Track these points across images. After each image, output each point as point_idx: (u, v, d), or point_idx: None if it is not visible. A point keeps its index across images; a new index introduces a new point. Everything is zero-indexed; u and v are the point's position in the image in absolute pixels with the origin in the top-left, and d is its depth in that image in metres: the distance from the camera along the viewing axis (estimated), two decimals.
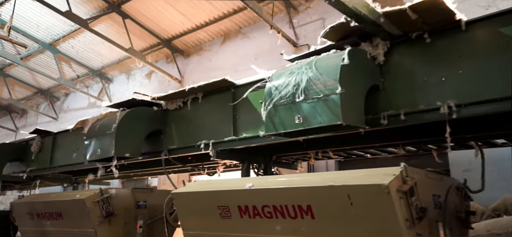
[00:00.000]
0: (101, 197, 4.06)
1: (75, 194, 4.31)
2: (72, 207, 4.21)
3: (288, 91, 2.86)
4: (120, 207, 4.24)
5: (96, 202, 4.02)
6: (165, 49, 11.98)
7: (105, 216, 4.06)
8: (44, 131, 7.10)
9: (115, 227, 4.14)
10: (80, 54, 13.24)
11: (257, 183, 2.69)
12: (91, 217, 3.97)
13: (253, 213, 2.63)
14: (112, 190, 4.29)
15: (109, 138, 4.65)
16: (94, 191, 4.25)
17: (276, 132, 2.98)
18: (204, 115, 4.59)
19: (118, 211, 4.18)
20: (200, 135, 4.58)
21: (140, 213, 4.42)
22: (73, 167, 6.39)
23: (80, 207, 4.04)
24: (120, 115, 4.71)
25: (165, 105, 5.06)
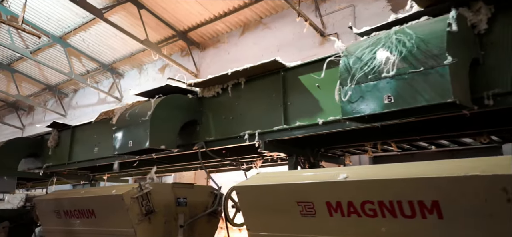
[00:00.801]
0: (140, 193, 3.64)
1: (111, 189, 3.89)
2: (107, 204, 3.78)
3: (374, 66, 2.43)
4: (159, 204, 3.81)
5: (135, 198, 3.60)
6: (180, 41, 11.56)
7: (145, 214, 3.65)
8: (62, 124, 6.69)
9: (155, 227, 3.71)
10: (91, 48, 12.84)
11: (353, 174, 2.24)
12: (130, 215, 3.55)
13: (348, 211, 2.19)
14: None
15: (143, 128, 4.24)
16: (131, 185, 3.82)
17: (357, 116, 2.56)
18: (248, 102, 4.17)
19: (158, 209, 3.76)
20: (243, 125, 4.16)
21: (181, 211, 3.99)
22: (95, 162, 5.98)
23: (117, 203, 3.61)
24: (154, 103, 4.29)
25: (201, 92, 4.64)
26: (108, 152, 5.77)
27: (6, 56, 14.33)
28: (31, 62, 14.54)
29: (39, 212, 4.94)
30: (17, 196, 18.82)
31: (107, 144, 5.82)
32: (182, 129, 4.61)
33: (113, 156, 5.54)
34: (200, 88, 4.64)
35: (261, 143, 3.86)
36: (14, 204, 18.45)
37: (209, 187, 4.47)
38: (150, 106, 4.34)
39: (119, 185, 4.40)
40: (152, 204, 3.68)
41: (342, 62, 2.69)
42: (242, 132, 4.10)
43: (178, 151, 4.57)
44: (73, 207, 4.19)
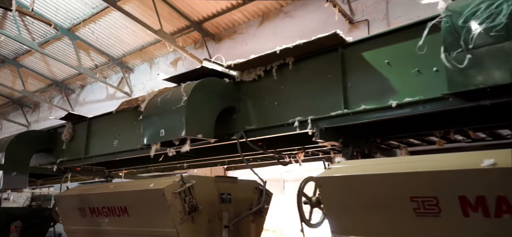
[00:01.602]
0: (183, 187, 3.14)
1: (147, 182, 3.40)
2: (143, 200, 3.29)
3: (496, 24, 1.94)
4: (202, 200, 3.32)
5: (177, 193, 3.11)
6: (194, 33, 11.08)
7: (189, 212, 3.15)
8: (77, 116, 6.22)
9: (198, 227, 3.22)
10: (100, 41, 12.36)
11: (501, 160, 1.71)
12: (172, 213, 3.06)
13: (497, 209, 1.65)
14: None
15: (178, 115, 3.76)
16: (171, 178, 3.32)
17: (473, 89, 2.06)
18: (297, 86, 3.68)
19: (201, 206, 3.27)
20: (291, 111, 3.67)
21: (225, 209, 3.50)
22: (115, 156, 5.50)
23: (157, 199, 3.12)
24: (190, 86, 3.81)
25: (239, 76, 4.16)
26: (130, 145, 5.30)
27: (11, 50, 13.88)
28: (37, 56, 14.09)
29: (61, 210, 4.44)
30: (23, 195, 18.48)
31: (129, 136, 5.36)
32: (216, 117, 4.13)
33: (137, 149, 5.08)
34: (238, 71, 4.15)
35: (316, 130, 3.37)
36: (20, 203, 18.10)
37: (253, 182, 3.99)
38: (181, 91, 3.86)
39: (155, 178, 3.90)
40: (195, 201, 3.19)
41: (445, 23, 2.20)
42: (291, 119, 3.62)
43: (215, 142, 4.08)
44: (101, 204, 3.71)
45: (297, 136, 4.08)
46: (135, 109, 5.23)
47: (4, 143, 5.92)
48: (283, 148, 4.56)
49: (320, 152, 4.88)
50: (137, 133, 5.24)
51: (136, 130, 5.26)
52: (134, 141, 5.26)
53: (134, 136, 5.28)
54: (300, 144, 4.58)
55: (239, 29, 10.49)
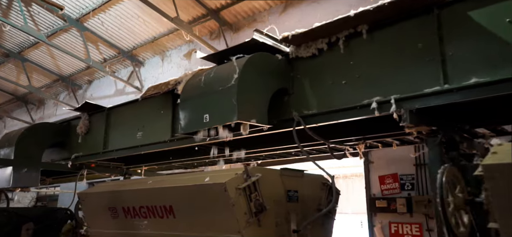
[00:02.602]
0: (248, 181, 2.49)
1: (200, 176, 2.76)
2: (196, 198, 2.65)
3: None
4: (268, 198, 2.67)
5: (242, 189, 2.47)
6: (210, 22, 10.44)
7: (255, 213, 2.51)
8: (95, 106, 5.59)
9: (266, 232, 2.55)
10: (110, 32, 11.72)
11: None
12: (236, 213, 2.40)
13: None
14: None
15: (226, 96, 3.13)
16: (231, 171, 2.68)
17: None
18: (372, 59, 3.05)
19: (268, 205, 2.62)
20: (364, 91, 3.04)
21: (292, 209, 2.86)
22: (139, 150, 4.88)
23: (215, 197, 2.47)
24: (241, 61, 3.19)
25: (294, 52, 3.52)
26: (156, 137, 4.69)
27: (16, 43, 13.26)
28: (43, 50, 13.47)
29: (86, 210, 3.80)
30: (28, 195, 17.86)
31: (154, 127, 4.75)
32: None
33: (166, 141, 4.47)
34: (293, 46, 3.51)
35: (404, 113, 2.72)
36: (25, 203, 17.47)
37: (319, 177, 3.35)
38: (233, 67, 3.23)
39: (219, 170, 3.26)
40: (262, 199, 2.56)
41: None
42: (366, 100, 2.98)
43: (269, 129, 3.44)
44: (139, 202, 3.06)
45: (355, 123, 3.47)
46: (163, 96, 4.61)
47: (13, 137, 5.31)
48: (336, 139, 3.93)
49: (381, 143, 4.25)
50: (164, 123, 4.65)
51: (163, 120, 4.67)
52: (161, 132, 4.66)
53: (160, 126, 4.67)
54: (358, 133, 3.97)
55: (259, 17, 9.84)
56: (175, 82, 4.15)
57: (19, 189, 5.66)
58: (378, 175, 6.99)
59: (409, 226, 6.47)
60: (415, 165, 6.67)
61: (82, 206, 3.70)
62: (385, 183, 6.85)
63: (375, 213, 6.87)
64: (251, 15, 10.03)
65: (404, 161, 6.80)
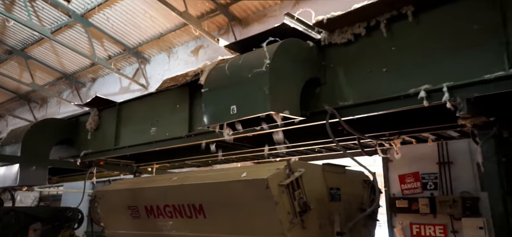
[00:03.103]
0: (292, 178, 2.21)
1: (237, 172, 2.47)
2: (231, 196, 2.36)
3: None
4: (311, 196, 2.38)
5: (285, 186, 2.18)
6: (218, 17, 10.15)
7: (299, 213, 2.22)
8: (105, 100, 5.32)
9: (309, 233, 2.27)
10: (116, 28, 11.44)
11: None
12: (279, 213, 2.12)
13: None
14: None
15: (256, 85, 2.87)
16: (275, 166, 2.39)
17: None
18: (419, 44, 2.78)
19: (312, 204, 2.34)
20: (410, 79, 2.77)
21: (335, 209, 2.58)
22: (153, 146, 4.61)
23: (254, 194, 2.20)
24: (273, 47, 2.92)
25: (327, 38, 3.24)
26: (172, 132, 4.43)
27: (19, 40, 12.98)
28: (47, 46, 13.20)
29: (103, 210, 3.52)
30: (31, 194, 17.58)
31: (170, 122, 4.50)
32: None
33: (183, 136, 4.20)
34: (326, 32, 3.24)
35: (461, 102, 2.45)
36: (27, 203, 17.19)
37: (360, 174, 3.08)
38: (263, 53, 2.96)
39: (256, 164, 2.98)
40: (306, 197, 2.28)
41: None
42: (412, 89, 2.70)
43: (300, 122, 3.17)
44: (164, 201, 2.78)
45: (385, 117, 3.22)
46: (179, 89, 4.35)
47: (20, 133, 5.04)
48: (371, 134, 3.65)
49: (416, 139, 3.97)
50: (180, 118, 4.39)
51: (179, 114, 4.41)
52: (177, 127, 4.40)
53: (176, 121, 4.42)
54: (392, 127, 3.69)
55: (270, 12, 9.56)
56: (194, 73, 3.89)
57: (25, 188, 5.41)
58: (398, 174, 6.71)
59: (432, 227, 6.19)
60: (439, 163, 6.38)
61: (99, 205, 3.43)
62: (406, 182, 6.57)
63: (395, 214, 6.58)
64: (261, 10, 9.75)
65: (425, 159, 6.52)
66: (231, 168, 2.94)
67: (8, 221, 4.84)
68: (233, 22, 10.06)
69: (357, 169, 2.99)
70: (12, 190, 5.89)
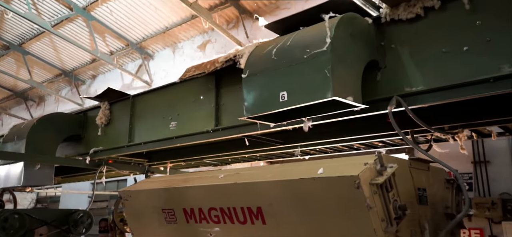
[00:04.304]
0: (385, 176, 1.75)
1: (308, 168, 1.98)
2: (302, 197, 1.87)
3: None
4: (403, 200, 1.91)
5: (379, 185, 1.72)
6: (227, 10, 9.72)
7: (395, 219, 1.76)
8: (118, 93, 4.85)
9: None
10: (119, 22, 10.96)
11: None
12: (373, 220, 1.66)
13: None
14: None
15: (313, 66, 2.41)
16: (355, 160, 1.92)
17: None
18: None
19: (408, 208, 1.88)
20: (500, 58, 2.31)
21: (422, 213, 2.12)
22: (173, 142, 4.14)
23: (338, 195, 1.72)
24: (333, 22, 2.46)
25: (389, 14, 2.78)
26: (195, 127, 3.97)
27: (17, 35, 12.44)
28: (45, 41, 12.68)
29: (131, 213, 3.01)
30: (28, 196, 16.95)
31: (193, 115, 4.04)
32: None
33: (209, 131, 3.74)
34: (388, 7, 2.78)
35: None
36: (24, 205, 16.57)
37: (442, 171, 2.63)
38: (323, 29, 2.50)
39: (337, 159, 2.49)
40: (400, 200, 1.82)
41: None
42: (508, 69, 2.25)
43: (360, 111, 2.71)
44: (208, 203, 2.28)
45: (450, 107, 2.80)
46: (203, 79, 3.89)
47: (24, 128, 4.55)
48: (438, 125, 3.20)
49: (477, 133, 3.53)
50: (205, 111, 3.94)
51: (204, 107, 3.96)
52: (202, 121, 3.94)
53: (200, 115, 3.96)
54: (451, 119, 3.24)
55: (282, 4, 9.12)
56: (225, 59, 3.43)
57: (29, 189, 4.92)
58: None
59: (467, 231, 5.75)
60: (474, 162, 5.95)
61: (126, 207, 2.95)
62: None
63: None
64: (273, 2, 9.31)
65: (458, 158, 6.07)
66: (296, 164, 2.47)
67: (12, 224, 4.34)
68: (243, 15, 9.60)
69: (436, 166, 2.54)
70: (12, 191, 5.38)
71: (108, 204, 14.00)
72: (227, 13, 9.92)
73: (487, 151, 5.92)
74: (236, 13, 9.63)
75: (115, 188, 12.82)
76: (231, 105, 3.75)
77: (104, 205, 13.90)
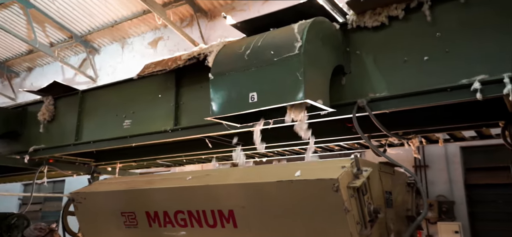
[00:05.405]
0: (362, 179, 1.73)
1: (284, 170, 1.91)
2: (278, 200, 1.80)
3: None
4: (375, 203, 1.93)
5: (355, 188, 1.71)
6: (181, 8, 9.49)
7: (370, 222, 1.76)
8: (65, 87, 4.49)
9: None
10: (62, 12, 10.22)
11: None
12: (350, 224, 1.64)
13: None
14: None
15: (285, 69, 2.40)
16: (340, 162, 1.89)
17: None
18: (469, 29, 2.48)
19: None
20: (457, 69, 2.46)
21: (388, 216, 2.15)
22: (129, 141, 3.92)
23: (315, 199, 1.68)
24: (303, 27, 2.46)
25: (355, 21, 2.85)
26: (152, 126, 3.80)
27: None
28: None
29: (84, 217, 2.71)
30: None
31: (150, 114, 3.87)
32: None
33: (167, 131, 3.60)
34: (355, 14, 2.85)
35: None
36: None
37: (403, 175, 2.70)
38: (292, 33, 2.50)
39: (319, 161, 2.42)
40: (373, 202, 1.83)
41: None
42: (464, 80, 2.40)
43: (326, 115, 2.74)
44: (176, 205, 2.13)
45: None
46: (163, 76, 3.73)
47: None
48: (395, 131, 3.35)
49: (426, 139, 3.74)
50: (163, 109, 3.78)
51: (162, 105, 3.81)
52: (160, 120, 3.78)
53: (159, 113, 3.81)
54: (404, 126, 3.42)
55: (239, 5, 9.09)
56: (189, 57, 3.31)
57: None
58: None
59: None
60: (414, 166, 6.34)
61: (78, 211, 2.67)
62: None
63: None
64: (229, 2, 9.25)
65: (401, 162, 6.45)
66: (268, 167, 2.41)
67: None
68: (198, 14, 9.43)
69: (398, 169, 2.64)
70: None
71: (42, 207, 13.01)
72: (182, 10, 9.69)
73: (426, 156, 6.35)
74: (191, 11, 9.43)
75: (51, 190, 11.96)
76: (192, 104, 3.63)
77: (37, 208, 12.87)
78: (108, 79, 10.95)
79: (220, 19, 9.42)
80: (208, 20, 9.55)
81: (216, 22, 9.46)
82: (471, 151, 6.47)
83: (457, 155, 6.42)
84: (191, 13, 9.51)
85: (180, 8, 9.55)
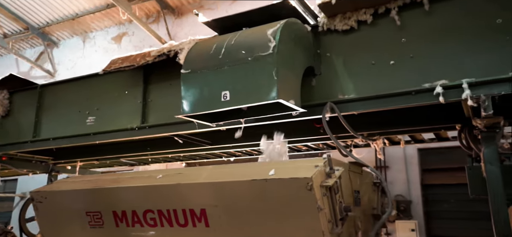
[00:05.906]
0: (334, 178, 1.75)
1: (257, 169, 1.89)
2: (251, 199, 1.78)
3: None
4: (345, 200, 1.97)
5: (328, 187, 1.73)
6: (148, 3, 9.27)
7: (341, 220, 1.79)
8: (22, 81, 4.25)
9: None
10: (17, 2, 9.65)
11: None
12: (322, 222, 1.65)
13: None
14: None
15: (259, 68, 2.41)
16: (312, 161, 1.90)
17: None
18: (433, 35, 2.60)
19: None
20: (422, 73, 2.59)
21: (358, 215, 2.19)
22: (92, 138, 3.78)
23: (288, 197, 1.67)
24: (275, 26, 2.49)
25: (326, 24, 2.92)
26: (117, 123, 3.69)
27: None
28: None
29: (45, 217, 2.53)
30: None
31: (116, 111, 3.78)
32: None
33: (134, 128, 3.51)
34: (326, 17, 2.91)
35: (484, 99, 2.32)
36: None
37: (369, 174, 2.78)
38: (264, 33, 2.51)
39: (290, 160, 2.39)
40: (344, 201, 1.87)
41: None
42: (427, 84, 2.52)
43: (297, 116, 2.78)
44: (145, 204, 2.05)
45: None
46: (130, 72, 3.63)
47: None
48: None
49: (389, 141, 3.89)
50: (130, 106, 3.70)
51: (129, 102, 3.73)
52: (126, 117, 3.68)
53: (125, 110, 3.72)
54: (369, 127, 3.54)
55: (207, 4, 9.01)
56: (158, 53, 3.25)
57: None
58: None
59: None
60: (375, 167, 6.58)
61: (38, 211, 2.50)
62: None
63: None
64: (197, 1, 9.15)
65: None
66: (241, 165, 2.40)
67: None
68: (165, 10, 9.25)
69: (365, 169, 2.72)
70: None
71: None
72: (148, 6, 9.46)
73: (386, 157, 6.62)
74: (157, 7, 9.23)
75: (2, 189, 11.29)
76: (160, 102, 3.56)
77: None
78: (68, 74, 10.50)
79: (187, 16, 9.30)
80: (175, 17, 9.39)
81: (183, 19, 9.33)
82: (428, 153, 6.81)
83: (415, 157, 6.75)
84: (158, 9, 9.32)
85: (146, 4, 9.32)
